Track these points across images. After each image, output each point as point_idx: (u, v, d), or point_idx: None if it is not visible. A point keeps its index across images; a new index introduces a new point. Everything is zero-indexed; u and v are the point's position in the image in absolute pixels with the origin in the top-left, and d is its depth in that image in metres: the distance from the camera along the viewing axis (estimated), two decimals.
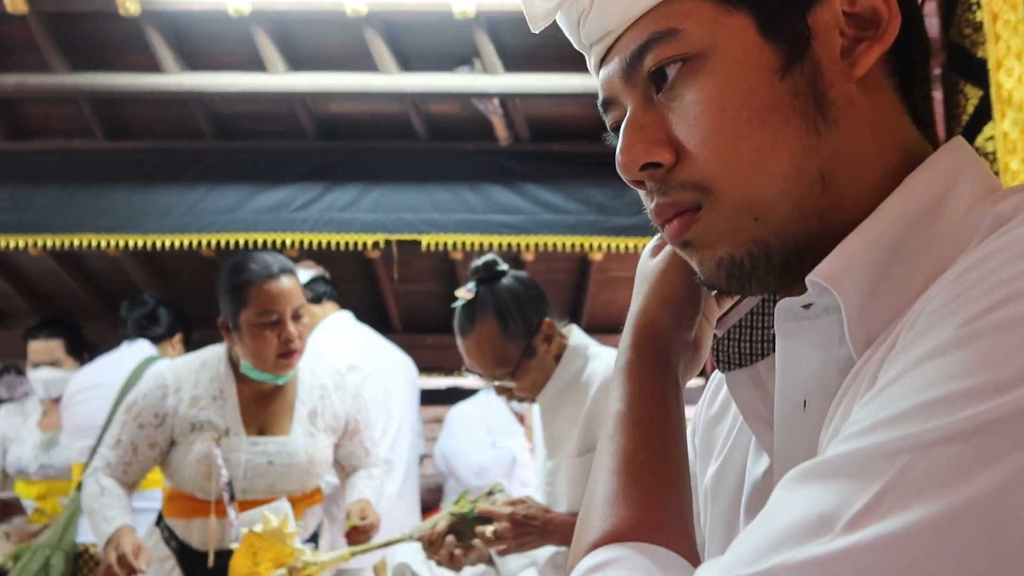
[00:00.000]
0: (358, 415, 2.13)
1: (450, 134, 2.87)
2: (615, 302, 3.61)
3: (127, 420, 1.92)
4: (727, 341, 0.62)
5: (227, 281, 1.93)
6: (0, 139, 2.83)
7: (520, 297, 1.64)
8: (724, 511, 0.69)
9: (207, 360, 1.99)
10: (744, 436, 0.68)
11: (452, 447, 3.34)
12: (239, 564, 1.61)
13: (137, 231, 2.79)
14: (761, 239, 0.52)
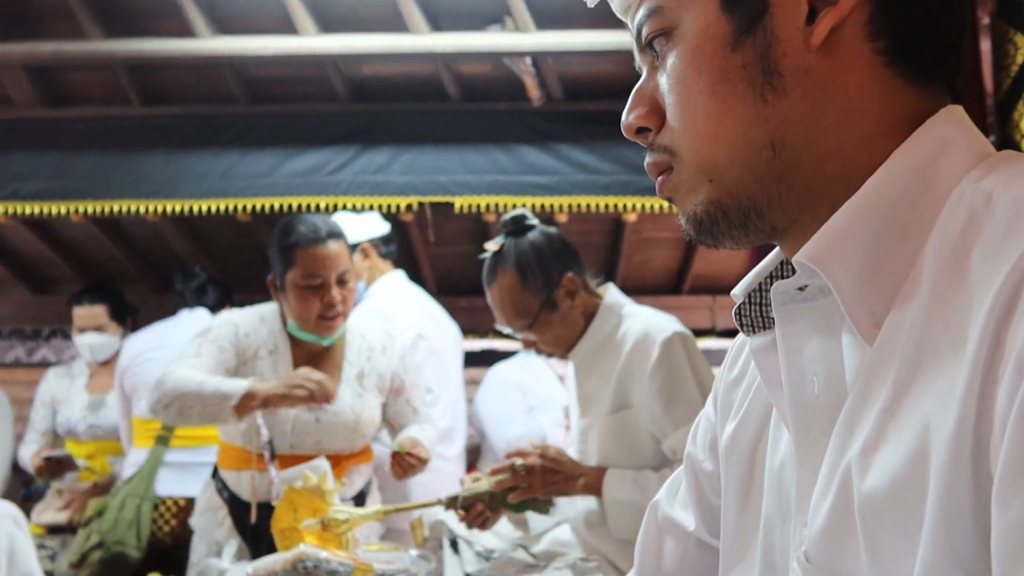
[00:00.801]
0: (404, 375, 2.16)
1: (482, 95, 2.85)
2: (649, 263, 3.59)
3: (203, 342, 1.92)
4: (749, 305, 0.62)
5: (276, 241, 1.97)
6: (40, 107, 2.87)
7: (542, 250, 1.66)
8: (739, 470, 0.69)
9: (264, 315, 2.04)
10: (761, 398, 0.68)
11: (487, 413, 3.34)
12: (280, 519, 1.65)
13: (174, 196, 2.83)
14: (715, 199, 0.56)
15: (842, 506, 0.48)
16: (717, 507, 0.77)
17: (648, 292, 3.61)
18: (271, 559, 1.52)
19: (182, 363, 1.85)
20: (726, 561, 0.70)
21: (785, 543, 0.60)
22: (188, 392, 1.76)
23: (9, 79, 2.79)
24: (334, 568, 1.47)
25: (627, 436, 1.60)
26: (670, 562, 0.82)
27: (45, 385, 3.18)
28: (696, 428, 0.82)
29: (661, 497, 0.86)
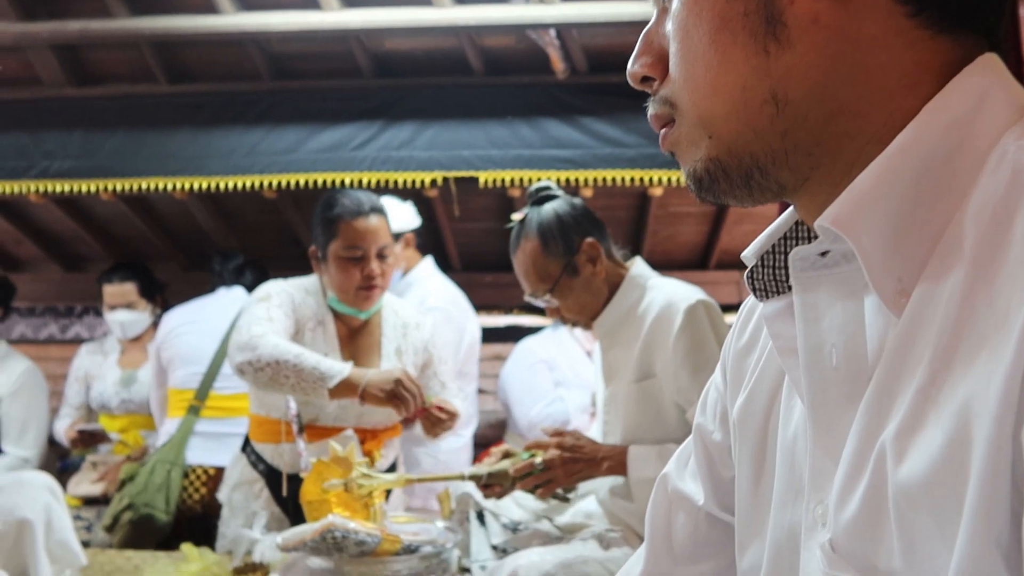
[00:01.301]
0: (433, 349, 2.20)
1: (506, 68, 2.82)
2: (675, 238, 3.56)
3: (270, 306, 1.94)
4: (761, 268, 0.59)
5: (320, 213, 2.01)
6: (68, 86, 2.89)
7: (563, 216, 1.68)
8: (751, 443, 0.67)
9: (308, 287, 2.07)
10: (772, 367, 0.66)
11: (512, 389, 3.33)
12: (308, 491, 1.67)
13: (201, 173, 2.85)
14: (714, 156, 0.54)
15: (875, 493, 0.45)
16: (728, 480, 0.75)
17: (674, 267, 3.57)
18: (300, 529, 1.54)
19: (262, 326, 1.86)
20: (743, 537, 0.69)
21: (796, 521, 0.57)
22: (286, 362, 1.77)
23: (37, 58, 2.81)
24: (362, 539, 1.49)
25: (651, 405, 1.60)
26: (681, 536, 0.81)
27: (78, 361, 3.24)
28: (705, 398, 0.80)
29: (671, 469, 0.85)
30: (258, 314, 1.91)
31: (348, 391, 1.79)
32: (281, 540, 1.54)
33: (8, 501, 1.64)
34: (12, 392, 3.05)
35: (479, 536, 1.81)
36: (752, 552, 0.66)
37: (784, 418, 0.62)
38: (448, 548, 1.61)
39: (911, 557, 0.42)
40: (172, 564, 1.75)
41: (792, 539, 0.58)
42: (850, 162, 0.50)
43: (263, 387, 1.82)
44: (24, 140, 2.92)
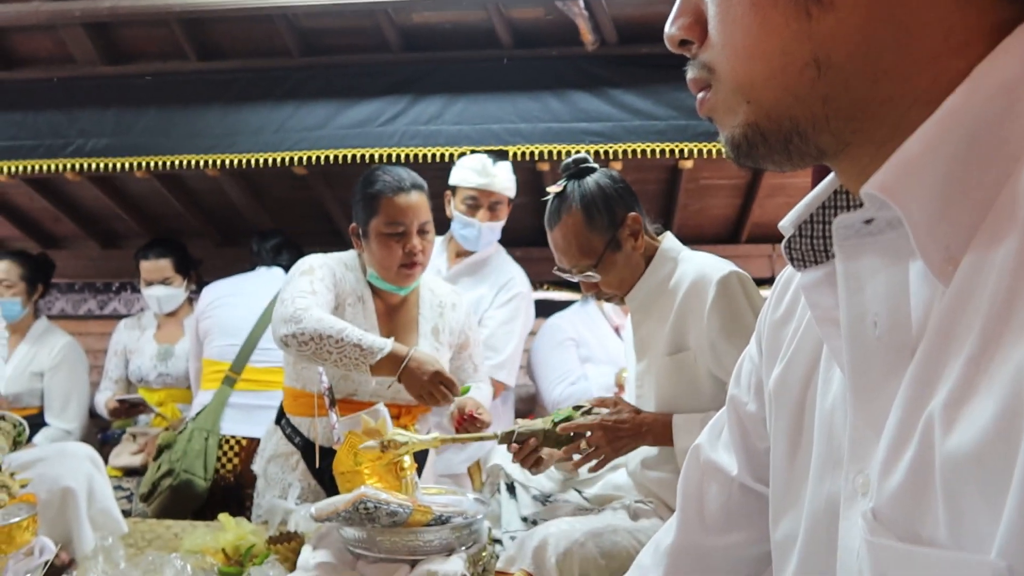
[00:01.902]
0: (469, 331, 2.21)
1: (534, 41, 2.80)
2: (706, 211, 3.52)
3: (313, 279, 1.95)
4: (799, 238, 0.58)
5: (361, 190, 2.02)
6: (100, 64, 2.92)
7: (606, 190, 1.65)
8: (788, 415, 0.67)
9: (348, 263, 2.09)
10: (809, 339, 0.65)
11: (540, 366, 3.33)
12: (341, 463, 1.69)
13: (232, 150, 2.87)
14: (753, 121, 0.52)
15: (921, 463, 0.44)
16: (762, 451, 0.75)
17: (705, 241, 3.54)
18: (333, 500, 1.57)
19: (305, 299, 1.87)
20: (776, 508, 0.69)
21: (834, 491, 0.57)
22: (329, 337, 1.78)
23: (70, 37, 2.84)
24: (394, 509, 1.51)
25: (685, 378, 1.59)
26: (713, 506, 0.81)
27: (117, 336, 3.31)
28: (739, 369, 0.80)
29: (703, 440, 0.85)
30: (302, 287, 1.93)
31: (389, 368, 1.80)
32: (314, 511, 1.56)
33: (52, 471, 1.68)
34: (54, 366, 3.14)
35: (509, 507, 1.83)
36: (787, 523, 0.66)
37: (822, 389, 0.62)
38: (479, 519, 1.63)
39: (956, 527, 0.42)
40: (210, 533, 1.79)
41: (830, 509, 0.57)
42: (894, 126, 0.49)
43: (306, 360, 1.84)
44: (59, 119, 2.96)
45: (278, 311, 1.88)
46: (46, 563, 1.40)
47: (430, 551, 1.54)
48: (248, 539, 1.74)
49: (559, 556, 1.39)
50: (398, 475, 1.69)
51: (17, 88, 3.01)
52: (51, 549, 1.42)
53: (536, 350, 3.30)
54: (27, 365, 3.13)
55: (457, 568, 1.49)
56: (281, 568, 1.60)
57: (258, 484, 2.16)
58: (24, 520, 1.40)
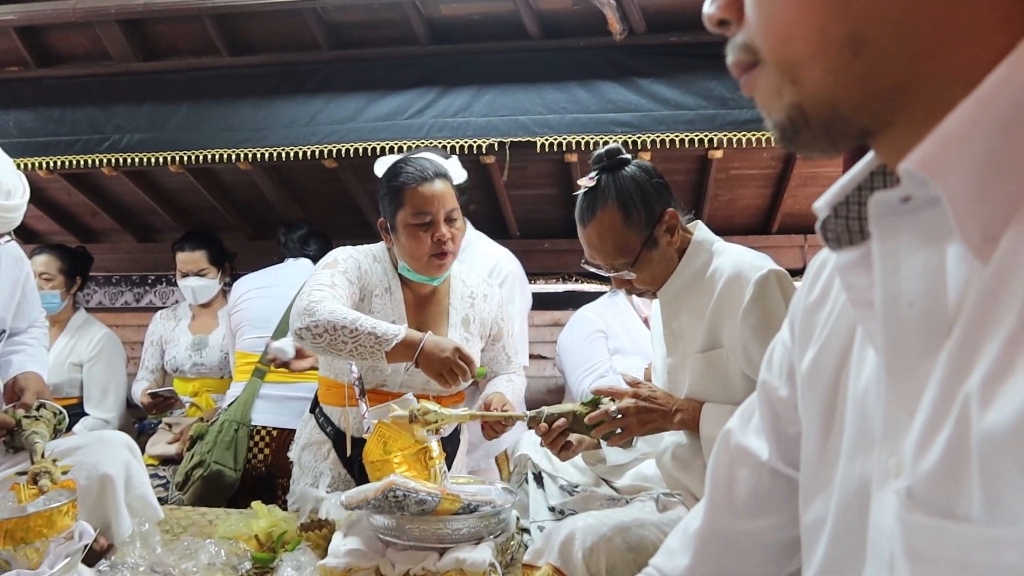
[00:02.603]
0: (502, 322, 2.20)
1: (562, 31, 2.79)
2: (736, 202, 3.48)
3: (335, 272, 1.97)
4: (835, 219, 0.58)
5: (385, 184, 2.01)
6: (135, 60, 2.98)
7: (643, 185, 1.59)
8: (820, 398, 0.67)
9: (376, 255, 2.10)
10: (844, 323, 0.65)
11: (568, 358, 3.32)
12: (371, 451, 1.71)
13: (263, 144, 2.91)
14: (797, 103, 0.51)
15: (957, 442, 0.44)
16: (793, 435, 0.75)
17: (736, 232, 3.51)
18: (363, 489, 1.59)
19: (323, 292, 1.88)
20: (807, 492, 0.69)
21: (867, 472, 0.57)
22: (343, 327, 1.79)
23: (106, 34, 2.90)
24: (422, 498, 1.52)
25: (717, 375, 1.56)
26: (743, 491, 0.81)
27: (153, 327, 3.38)
28: (771, 354, 0.80)
29: (733, 425, 0.85)
30: (321, 280, 1.94)
31: (404, 354, 1.80)
32: (345, 498, 1.58)
33: (90, 458, 1.72)
34: (92, 357, 3.21)
35: (537, 497, 1.83)
36: (817, 505, 0.66)
37: (856, 371, 0.62)
38: (507, 508, 1.64)
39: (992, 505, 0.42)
40: (243, 520, 1.82)
41: (862, 490, 0.57)
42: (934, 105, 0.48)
43: (323, 352, 1.85)
44: (96, 114, 3.02)
45: (295, 305, 1.89)
46: (85, 547, 1.43)
47: (458, 539, 1.55)
48: (280, 526, 1.77)
49: (586, 551, 1.39)
50: (427, 464, 1.71)
51: (55, 85, 3.08)
52: (90, 533, 1.46)
53: (565, 342, 3.29)
54: (67, 356, 3.20)
55: (485, 556, 1.50)
56: (312, 554, 1.62)
57: (294, 471, 2.19)
58: (64, 505, 1.44)
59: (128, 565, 1.61)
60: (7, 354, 2.00)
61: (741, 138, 2.65)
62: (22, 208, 1.71)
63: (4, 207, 1.65)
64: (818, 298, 0.71)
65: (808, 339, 0.70)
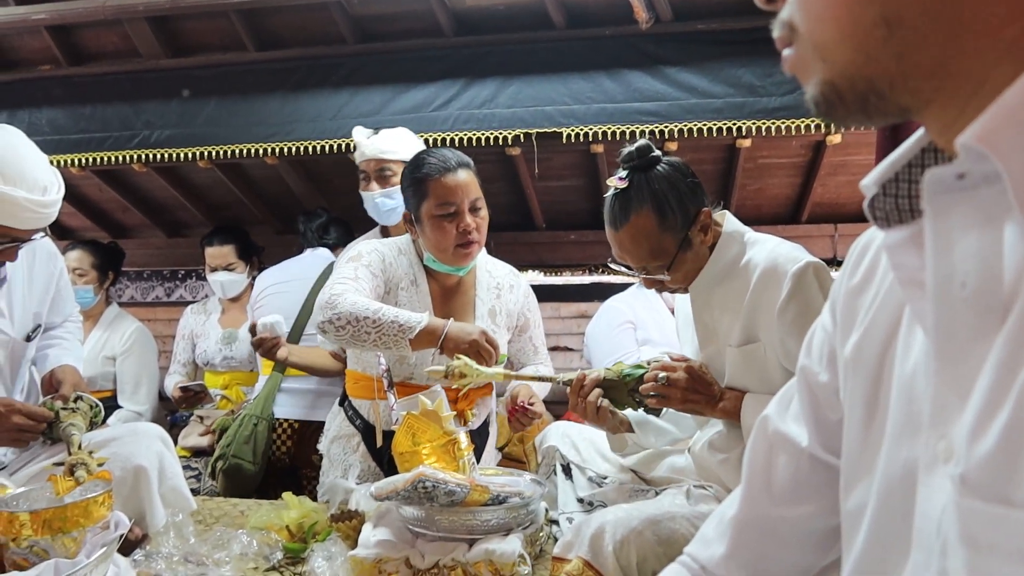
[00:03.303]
0: (529, 313, 2.20)
1: (587, 21, 2.77)
2: (765, 191, 3.44)
3: (358, 266, 1.98)
4: (883, 196, 0.56)
5: (409, 176, 2.02)
6: (164, 57, 3.01)
7: (678, 186, 1.54)
8: (864, 383, 0.66)
9: (401, 247, 2.10)
10: (890, 306, 0.64)
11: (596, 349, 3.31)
12: (400, 443, 1.72)
13: (290, 138, 2.93)
14: (829, 79, 0.51)
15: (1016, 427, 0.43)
16: (833, 422, 0.74)
17: (764, 221, 3.47)
18: (392, 480, 1.59)
19: (345, 285, 1.89)
20: (848, 478, 0.67)
21: (912, 457, 0.56)
22: (365, 318, 1.79)
23: (135, 31, 2.93)
24: (451, 489, 1.53)
25: (755, 369, 1.53)
26: (781, 478, 0.80)
27: (184, 321, 3.42)
28: (811, 339, 0.79)
29: (771, 411, 0.83)
30: (344, 273, 1.95)
31: (428, 341, 1.80)
32: (375, 489, 1.59)
33: (124, 450, 1.75)
34: (125, 351, 3.26)
35: (566, 489, 1.83)
36: (859, 492, 0.65)
37: (902, 354, 0.61)
38: (535, 499, 1.64)
39: None
40: (274, 511, 1.84)
41: (907, 476, 0.56)
42: (980, 81, 0.46)
43: (347, 344, 1.86)
44: (126, 111, 3.06)
45: (318, 299, 1.90)
46: (121, 536, 1.45)
47: (487, 530, 1.55)
48: (311, 517, 1.78)
49: (616, 544, 1.38)
50: (455, 455, 1.71)
51: (87, 82, 3.12)
52: (125, 523, 1.48)
53: (593, 333, 3.28)
54: (100, 350, 3.25)
55: (514, 547, 1.50)
56: (343, 545, 1.63)
57: (323, 463, 2.21)
58: (100, 496, 1.46)
59: (162, 555, 1.64)
60: (43, 348, 2.03)
61: (770, 126, 2.62)
62: (57, 204, 1.73)
63: (40, 203, 1.67)
64: (861, 281, 0.70)
65: (851, 323, 0.69)
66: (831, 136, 2.87)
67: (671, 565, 0.89)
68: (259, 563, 1.65)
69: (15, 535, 1.37)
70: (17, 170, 1.63)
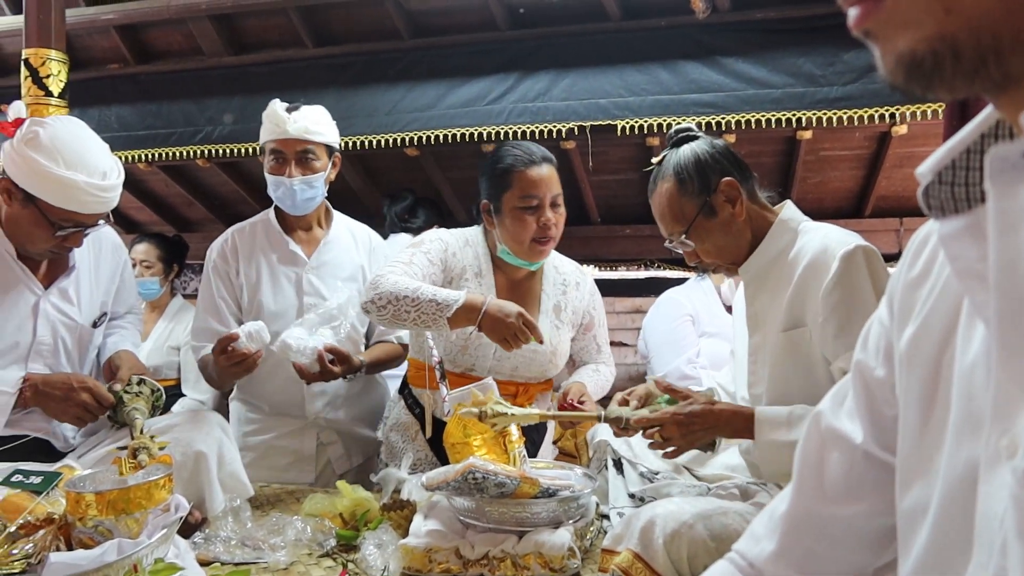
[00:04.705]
0: (593, 311, 2.19)
1: (643, 12, 2.74)
2: (827, 184, 3.35)
3: (416, 252, 2.00)
4: (939, 184, 0.53)
5: (492, 165, 2.03)
6: (226, 54, 3.08)
7: (700, 155, 1.60)
8: (921, 378, 0.63)
9: (470, 239, 2.11)
10: (948, 296, 0.61)
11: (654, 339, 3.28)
12: (451, 434, 1.73)
13: (347, 133, 2.96)
14: (949, 34, 0.43)
15: None
16: (889, 418, 0.71)
17: (826, 215, 3.37)
18: (443, 470, 1.60)
19: (394, 268, 1.92)
20: (904, 477, 0.65)
21: (974, 455, 0.54)
22: (404, 296, 1.82)
23: (198, 30, 3.01)
24: (501, 480, 1.53)
25: (799, 356, 1.50)
26: (834, 475, 0.77)
27: None
28: (867, 333, 0.76)
29: (825, 407, 0.81)
30: (399, 257, 1.97)
31: (467, 319, 1.79)
32: (425, 479, 1.60)
33: (185, 435, 1.80)
34: (188, 341, 3.35)
35: (617, 484, 1.81)
36: (916, 491, 0.63)
37: (962, 348, 0.58)
38: (586, 493, 1.63)
39: None
40: (328, 498, 1.87)
41: (969, 474, 0.54)
42: None
43: (389, 324, 1.87)
44: (190, 108, 3.15)
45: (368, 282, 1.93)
46: (180, 519, 1.50)
47: (537, 523, 1.55)
48: (364, 505, 1.80)
49: (667, 537, 1.36)
50: (506, 447, 1.71)
51: (153, 80, 3.22)
52: (185, 506, 1.52)
53: (652, 324, 3.23)
54: (165, 340, 3.35)
55: (564, 540, 1.50)
56: (394, 534, 1.65)
57: (381, 451, 2.24)
58: (161, 479, 1.50)
59: (220, 538, 1.68)
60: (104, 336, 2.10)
61: (831, 117, 2.55)
62: (117, 189, 1.80)
63: (99, 187, 1.74)
64: (920, 273, 0.67)
65: (908, 315, 0.66)
66: (896, 127, 2.78)
67: (719, 562, 0.87)
68: (312, 549, 1.68)
69: (81, 515, 1.42)
70: (77, 156, 1.71)
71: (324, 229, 2.31)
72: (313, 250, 2.26)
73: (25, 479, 1.57)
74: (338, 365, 2.05)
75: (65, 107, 2.58)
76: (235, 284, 2.23)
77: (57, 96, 2.57)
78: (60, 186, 1.70)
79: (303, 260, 2.23)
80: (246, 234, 2.29)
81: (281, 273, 2.23)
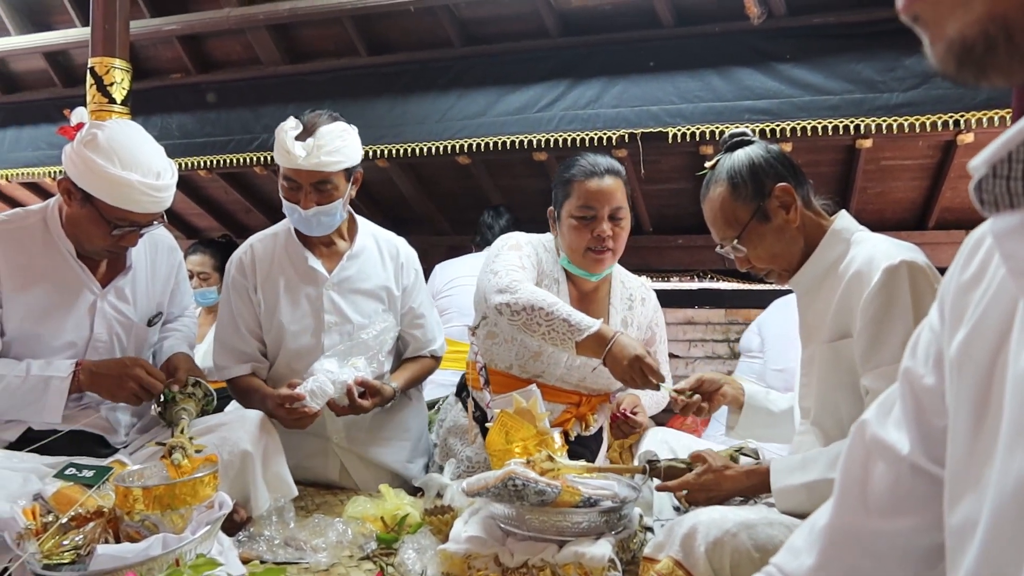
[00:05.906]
0: (656, 328, 2.19)
1: (696, 18, 2.70)
2: (888, 195, 3.24)
3: (522, 256, 2.01)
4: (994, 179, 0.50)
5: (559, 175, 2.06)
6: (282, 63, 3.15)
7: (755, 160, 1.57)
8: (972, 385, 0.59)
9: (547, 245, 2.12)
10: (1002, 299, 0.57)
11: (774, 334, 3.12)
12: (493, 440, 1.72)
13: (398, 140, 3.00)
14: (1000, 14, 0.41)
15: None
16: (939, 428, 0.67)
17: (887, 228, 3.24)
18: (483, 476, 1.59)
19: (518, 273, 1.91)
20: (954, 489, 0.61)
21: None
22: (540, 309, 1.81)
23: (256, 39, 3.08)
24: (542, 488, 1.50)
25: (845, 368, 1.45)
26: (879, 487, 0.73)
27: None
28: (916, 340, 0.72)
29: (870, 416, 0.76)
30: (512, 261, 1.97)
31: (594, 349, 1.77)
32: (466, 485, 1.59)
33: (233, 435, 1.83)
34: None
35: (661, 495, 1.77)
36: (966, 505, 0.59)
37: (1016, 352, 0.55)
38: (629, 504, 1.59)
39: None
40: (371, 502, 1.87)
41: (1022, 487, 0.51)
42: None
43: (519, 331, 1.86)
44: (247, 116, 3.22)
45: (491, 281, 1.91)
46: (224, 516, 1.52)
47: (578, 533, 1.52)
48: (404, 509, 1.80)
49: (709, 545, 1.32)
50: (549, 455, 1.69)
51: (213, 89, 3.31)
52: (228, 504, 1.54)
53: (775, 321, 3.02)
54: None
55: (605, 552, 1.46)
56: (433, 539, 1.64)
57: (436, 454, 2.23)
58: (206, 476, 1.53)
59: (264, 537, 1.70)
60: (160, 340, 2.16)
61: (892, 124, 2.47)
62: (171, 189, 1.85)
63: (153, 187, 1.79)
64: (974, 276, 0.63)
65: (959, 319, 0.63)
66: (962, 135, 2.67)
67: None
68: (354, 551, 1.68)
69: (129, 509, 1.45)
70: (132, 156, 1.76)
71: (348, 242, 2.25)
72: (335, 265, 2.19)
73: (78, 472, 1.62)
74: (368, 398, 2.05)
75: (127, 114, 2.66)
76: (253, 301, 2.19)
77: (120, 103, 2.65)
78: (116, 185, 1.75)
79: (323, 277, 2.17)
80: (267, 246, 2.24)
81: (300, 291, 2.17)
